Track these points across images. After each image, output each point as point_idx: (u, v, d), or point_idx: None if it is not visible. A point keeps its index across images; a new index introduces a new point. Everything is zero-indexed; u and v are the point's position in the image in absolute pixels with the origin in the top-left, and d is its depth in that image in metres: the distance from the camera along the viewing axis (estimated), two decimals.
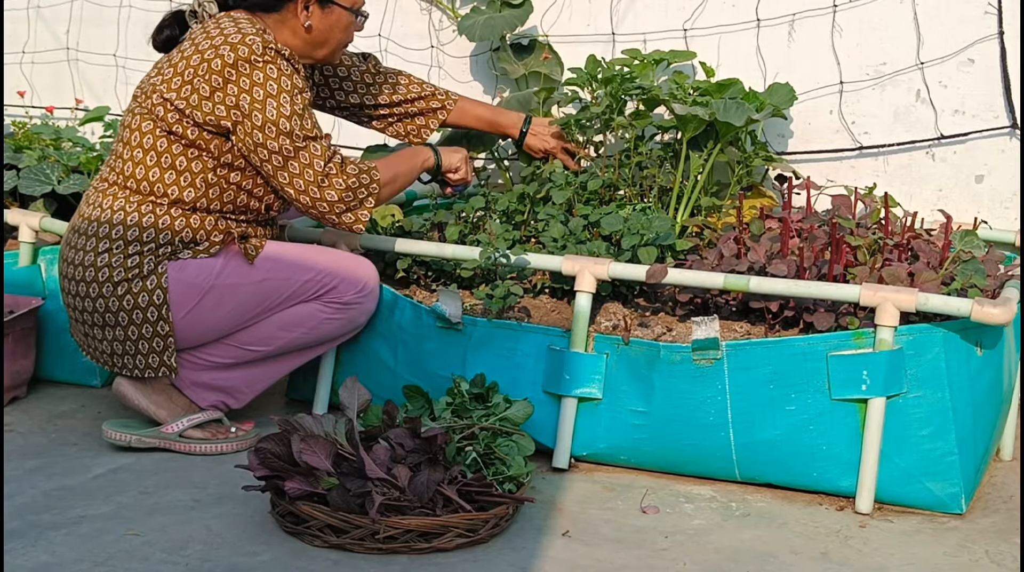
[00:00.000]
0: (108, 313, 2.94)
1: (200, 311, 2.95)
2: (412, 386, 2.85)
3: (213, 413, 3.06)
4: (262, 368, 3.09)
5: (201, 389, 3.06)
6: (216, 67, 2.90)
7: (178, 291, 2.93)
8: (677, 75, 3.52)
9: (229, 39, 2.92)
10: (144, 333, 2.94)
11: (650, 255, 3.02)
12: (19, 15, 4.75)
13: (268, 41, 2.93)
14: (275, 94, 2.90)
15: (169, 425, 3.01)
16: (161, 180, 2.93)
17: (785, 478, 2.84)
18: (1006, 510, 2.79)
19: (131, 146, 2.96)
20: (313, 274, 3.01)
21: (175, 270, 2.93)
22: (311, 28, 3.05)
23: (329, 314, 3.04)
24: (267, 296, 2.99)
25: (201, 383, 3.05)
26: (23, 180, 3.65)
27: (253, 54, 2.90)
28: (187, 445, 3.01)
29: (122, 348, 2.97)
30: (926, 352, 2.71)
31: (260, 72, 2.90)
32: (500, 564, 2.46)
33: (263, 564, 2.43)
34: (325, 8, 3.05)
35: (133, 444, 3.01)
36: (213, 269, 2.96)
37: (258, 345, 3.04)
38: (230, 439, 3.04)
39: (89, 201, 3.01)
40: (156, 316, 2.93)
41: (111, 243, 2.92)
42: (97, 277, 2.92)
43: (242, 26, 2.96)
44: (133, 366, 2.98)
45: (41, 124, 4.15)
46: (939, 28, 3.45)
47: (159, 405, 3.03)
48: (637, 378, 2.89)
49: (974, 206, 3.47)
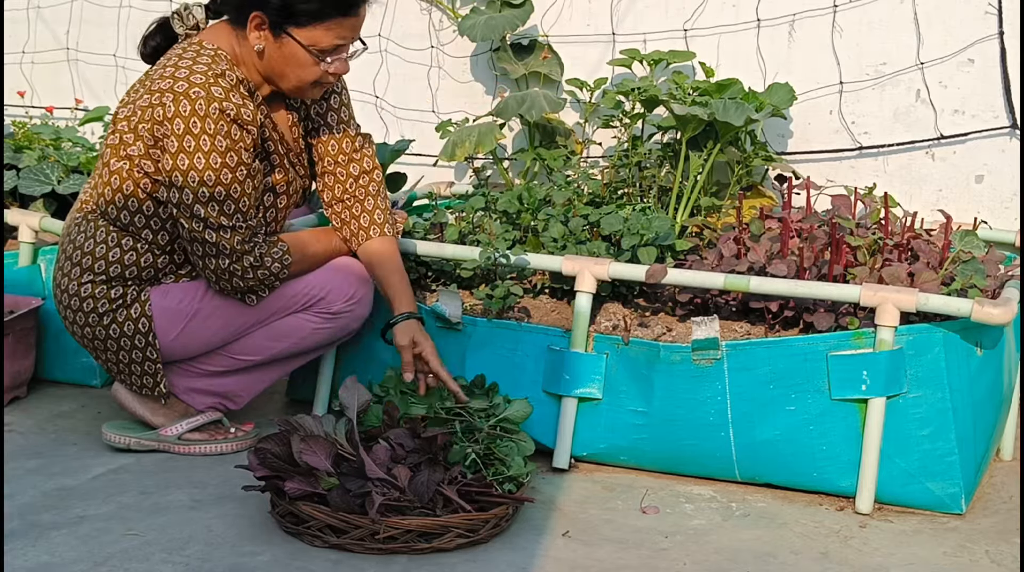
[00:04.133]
0: (96, 340, 2.92)
1: (187, 334, 2.91)
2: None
3: (212, 415, 3.05)
4: (258, 373, 3.07)
5: (198, 394, 3.04)
6: (158, 116, 2.71)
7: (163, 317, 2.88)
8: (677, 75, 3.52)
9: (175, 87, 2.70)
10: (134, 357, 2.92)
11: (650, 255, 3.02)
12: (19, 15, 4.75)
13: (215, 95, 2.69)
14: (200, 169, 2.68)
15: (167, 428, 3.01)
16: (133, 223, 2.84)
17: (785, 478, 2.84)
18: (1006, 510, 2.79)
19: (104, 180, 2.86)
20: (301, 286, 2.93)
21: (158, 297, 2.88)
22: (262, 53, 2.78)
23: (318, 324, 2.99)
24: (254, 312, 2.94)
25: (197, 389, 3.04)
26: (23, 180, 3.65)
27: (195, 113, 2.67)
28: (186, 447, 3.01)
29: (116, 368, 2.97)
30: (926, 352, 2.71)
31: (192, 138, 2.68)
32: (500, 564, 2.46)
33: (263, 564, 2.43)
34: (278, 38, 2.75)
35: (132, 447, 3.00)
36: (197, 292, 2.90)
37: (249, 355, 3.00)
38: (229, 440, 3.04)
39: (76, 222, 2.94)
40: (144, 343, 2.89)
41: (94, 275, 2.87)
42: (83, 307, 2.89)
43: (197, 65, 2.73)
44: (129, 383, 2.98)
45: (41, 124, 4.16)
46: (939, 28, 3.46)
47: (155, 411, 3.02)
48: (637, 378, 2.89)
49: (974, 206, 3.47)
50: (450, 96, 4.13)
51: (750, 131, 3.46)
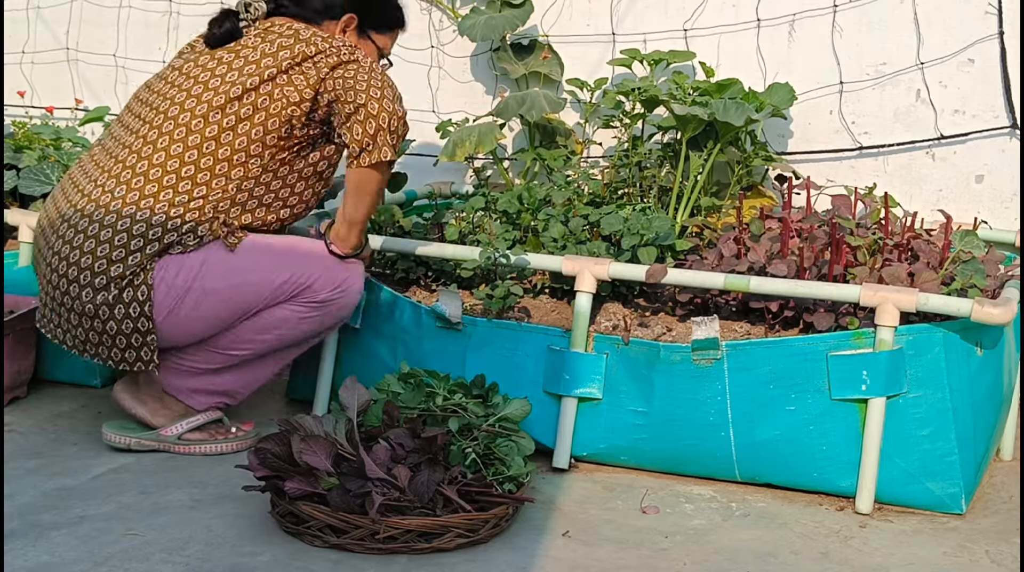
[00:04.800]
0: (89, 306, 2.89)
1: (178, 314, 2.90)
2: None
3: (212, 414, 3.05)
4: (253, 368, 3.06)
5: (196, 394, 3.04)
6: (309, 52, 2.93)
7: (161, 291, 2.88)
8: (677, 75, 3.52)
9: (316, 35, 2.97)
10: (124, 329, 2.90)
11: (650, 255, 3.02)
12: (19, 15, 4.75)
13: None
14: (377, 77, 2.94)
15: (167, 428, 3.00)
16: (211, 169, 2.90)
17: (785, 478, 2.84)
18: (1006, 510, 2.79)
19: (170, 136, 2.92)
20: (288, 276, 2.94)
21: (160, 269, 2.89)
22: None
23: (305, 314, 2.98)
24: (239, 304, 2.92)
25: (195, 389, 3.03)
26: (23, 180, 3.65)
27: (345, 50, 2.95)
28: (186, 447, 3.01)
29: (98, 339, 2.93)
30: (926, 352, 2.72)
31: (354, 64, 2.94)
32: (500, 564, 2.46)
33: (263, 564, 2.43)
34: (360, 38, 3.13)
35: (132, 447, 3.00)
36: (193, 267, 2.89)
37: (238, 349, 2.99)
38: (230, 439, 3.03)
39: (83, 191, 2.95)
40: (138, 313, 2.88)
41: (113, 235, 2.87)
42: (92, 268, 2.87)
43: (314, 29, 3.01)
44: (107, 357, 2.94)
45: (41, 124, 4.15)
46: (939, 28, 3.46)
47: (155, 412, 3.02)
48: (637, 378, 2.89)
49: (974, 206, 3.47)
50: (450, 96, 4.13)
51: (750, 131, 3.46)
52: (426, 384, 2.81)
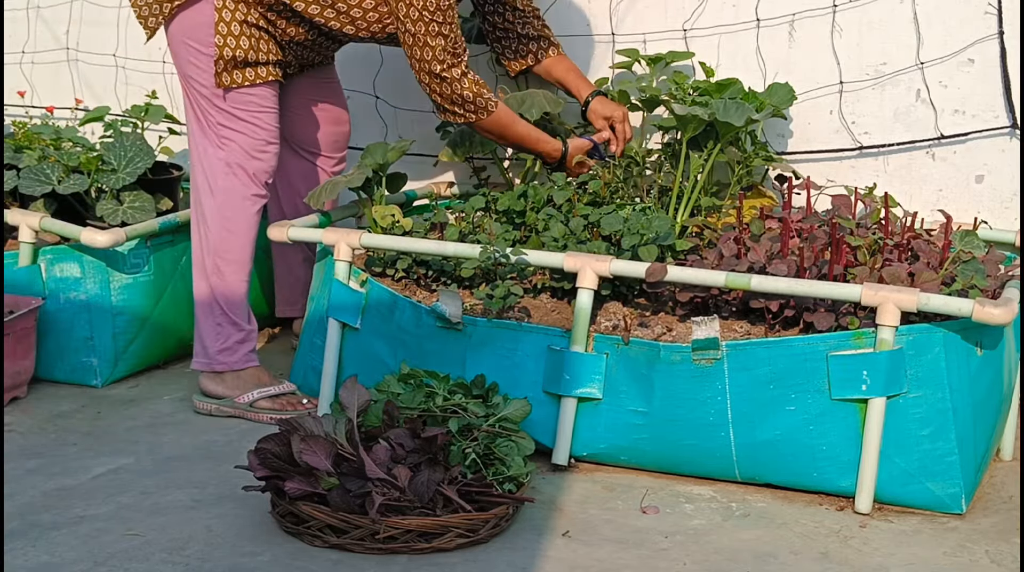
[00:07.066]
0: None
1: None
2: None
3: (286, 386, 3.28)
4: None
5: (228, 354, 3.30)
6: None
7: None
8: (677, 75, 3.52)
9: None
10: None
11: (650, 254, 3.02)
12: (19, 15, 4.75)
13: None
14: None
15: (242, 396, 3.25)
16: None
17: (785, 478, 2.84)
18: (1006, 510, 2.79)
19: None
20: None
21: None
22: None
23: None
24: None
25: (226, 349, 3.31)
26: (23, 180, 3.65)
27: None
28: (257, 414, 3.23)
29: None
30: (926, 352, 2.71)
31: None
32: (500, 564, 2.46)
33: (263, 564, 2.43)
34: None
35: (213, 412, 3.27)
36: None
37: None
38: (299, 412, 3.17)
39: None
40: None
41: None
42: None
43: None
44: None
45: (41, 124, 4.15)
46: (939, 28, 3.45)
47: (230, 387, 3.29)
48: (637, 378, 2.89)
49: (974, 206, 3.47)
50: None
51: (750, 131, 3.45)
52: (426, 384, 2.81)
